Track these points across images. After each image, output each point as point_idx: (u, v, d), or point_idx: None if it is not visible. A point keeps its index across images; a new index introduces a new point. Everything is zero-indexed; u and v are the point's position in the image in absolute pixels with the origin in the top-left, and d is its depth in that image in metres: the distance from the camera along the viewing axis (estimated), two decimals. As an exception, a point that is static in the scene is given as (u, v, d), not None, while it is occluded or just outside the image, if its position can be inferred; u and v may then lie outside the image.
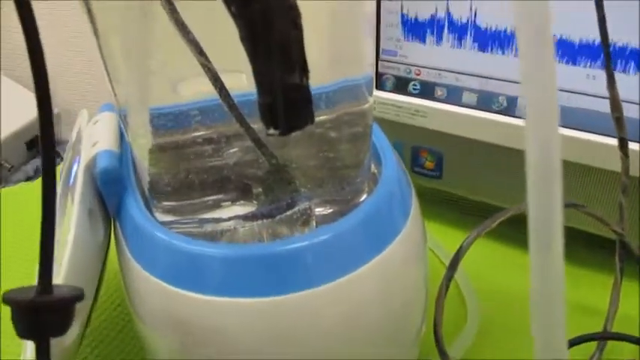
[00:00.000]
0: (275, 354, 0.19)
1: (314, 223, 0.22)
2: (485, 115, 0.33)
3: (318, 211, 0.23)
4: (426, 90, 0.34)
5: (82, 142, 0.24)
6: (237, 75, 0.20)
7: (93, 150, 0.23)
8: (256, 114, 0.18)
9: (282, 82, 0.18)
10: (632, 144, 0.27)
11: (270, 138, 0.19)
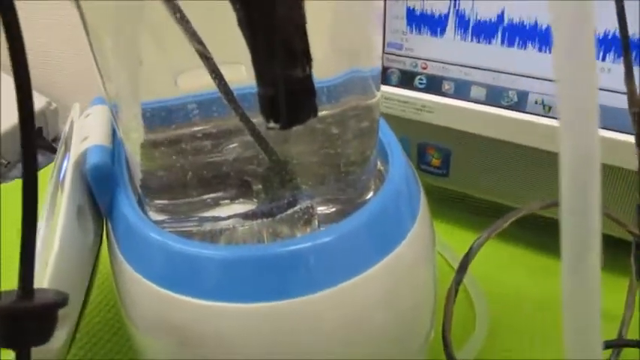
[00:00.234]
0: (275, 363, 0.18)
1: (316, 222, 0.21)
2: (495, 111, 0.32)
3: (320, 210, 0.22)
4: (433, 84, 0.33)
5: (73, 136, 0.23)
6: (236, 67, 0.19)
7: (83, 145, 0.21)
8: (256, 108, 0.17)
9: (283, 72, 0.17)
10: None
11: (271, 133, 0.19)
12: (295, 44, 0.16)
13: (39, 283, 0.19)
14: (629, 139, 0.28)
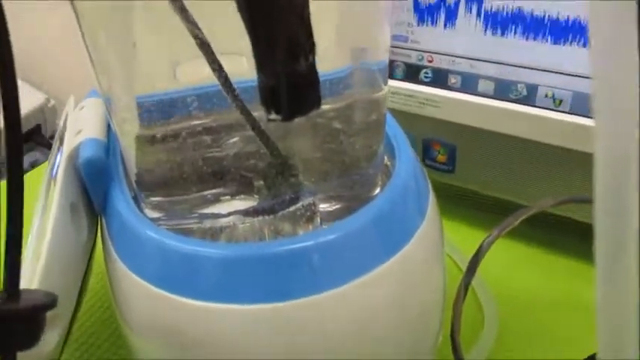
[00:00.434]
0: (277, 367, 0.17)
1: (318, 220, 0.21)
2: (503, 105, 0.31)
3: (322, 208, 0.21)
4: (439, 78, 0.32)
5: (66, 130, 0.22)
6: (236, 58, 0.18)
7: (76, 138, 0.20)
8: (257, 101, 0.17)
9: (284, 60, 0.16)
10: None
11: (272, 126, 0.18)
12: (298, 30, 0.15)
13: (30, 282, 0.18)
14: None
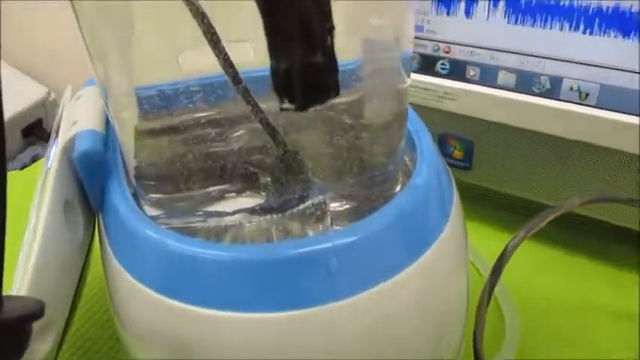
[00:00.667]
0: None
1: (329, 219, 0.19)
2: (525, 99, 0.29)
3: (332, 207, 0.19)
4: (456, 70, 0.31)
5: (62, 121, 0.21)
6: (242, 46, 0.17)
7: (72, 130, 0.19)
8: (264, 92, 0.15)
9: (300, 41, 0.14)
10: None
11: (281, 120, 0.17)
12: (315, 8, 0.14)
13: (21, 285, 0.16)
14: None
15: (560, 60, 0.28)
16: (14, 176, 0.44)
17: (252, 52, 0.16)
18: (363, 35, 0.17)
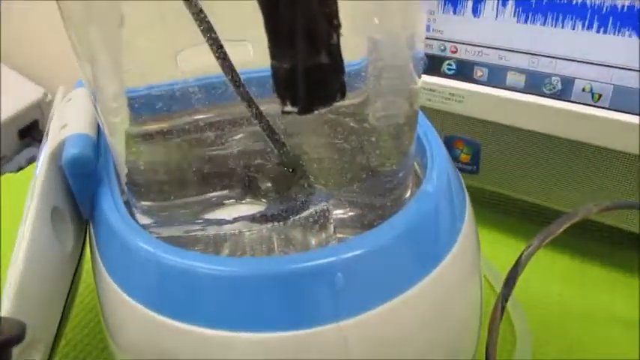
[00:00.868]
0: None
1: (332, 227, 0.18)
2: (535, 100, 0.28)
3: (335, 214, 0.18)
4: (464, 70, 0.30)
5: (51, 124, 0.20)
6: (242, 45, 0.16)
7: (61, 134, 0.18)
8: (264, 94, 0.15)
9: (304, 40, 0.13)
10: None
11: (283, 122, 0.16)
12: (320, 3, 0.13)
13: (6, 299, 0.15)
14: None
15: (572, 60, 0.27)
16: (10, 179, 0.43)
17: (251, 52, 0.16)
18: (370, 33, 0.16)
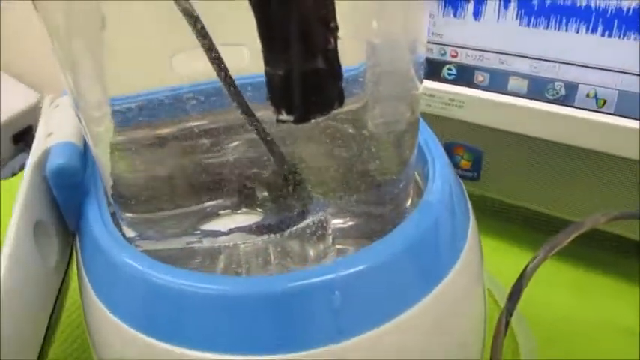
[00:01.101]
0: None
1: (330, 238, 0.18)
2: (538, 106, 0.28)
3: (333, 224, 0.18)
4: (464, 75, 0.29)
5: (37, 132, 0.19)
6: (237, 50, 0.15)
7: (46, 143, 0.17)
8: (260, 100, 0.14)
9: (299, 45, 0.12)
10: None
11: (279, 130, 0.15)
12: (316, 5, 0.12)
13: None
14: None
15: (576, 64, 0.26)
16: (3, 185, 0.42)
17: (247, 57, 0.15)
18: (370, 37, 0.16)
